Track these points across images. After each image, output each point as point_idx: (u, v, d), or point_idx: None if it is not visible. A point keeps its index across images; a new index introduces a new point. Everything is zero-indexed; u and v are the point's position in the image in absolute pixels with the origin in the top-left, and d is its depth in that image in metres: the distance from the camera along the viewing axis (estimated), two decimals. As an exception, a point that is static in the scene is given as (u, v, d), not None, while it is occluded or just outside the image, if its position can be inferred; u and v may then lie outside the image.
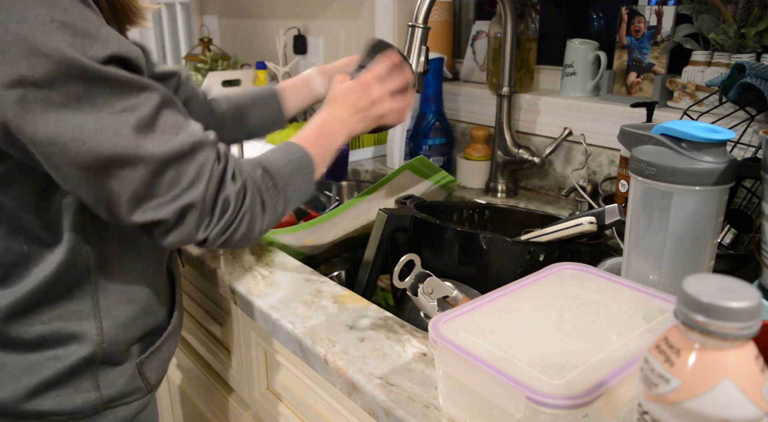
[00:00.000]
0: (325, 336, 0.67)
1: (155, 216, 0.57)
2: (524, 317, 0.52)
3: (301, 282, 0.80)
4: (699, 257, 0.61)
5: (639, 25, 1.06)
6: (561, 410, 0.40)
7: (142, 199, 0.56)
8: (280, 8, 1.93)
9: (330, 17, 1.73)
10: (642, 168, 0.61)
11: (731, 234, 0.78)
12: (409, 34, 0.97)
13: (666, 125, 0.60)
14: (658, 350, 0.35)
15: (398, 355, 0.63)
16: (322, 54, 1.79)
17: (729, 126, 0.82)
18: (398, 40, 1.52)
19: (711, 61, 0.96)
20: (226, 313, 0.91)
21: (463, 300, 0.63)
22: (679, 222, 0.59)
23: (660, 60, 1.04)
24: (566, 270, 0.61)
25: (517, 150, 1.16)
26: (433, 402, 0.55)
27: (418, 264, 0.64)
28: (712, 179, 0.58)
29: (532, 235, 0.82)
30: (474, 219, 0.99)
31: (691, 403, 0.32)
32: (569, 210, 1.10)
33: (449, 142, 1.34)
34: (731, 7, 0.91)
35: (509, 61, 1.15)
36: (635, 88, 1.09)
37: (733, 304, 0.32)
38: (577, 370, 0.44)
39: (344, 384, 0.61)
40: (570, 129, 1.11)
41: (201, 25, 2.32)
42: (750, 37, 0.90)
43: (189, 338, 1.09)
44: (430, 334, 0.49)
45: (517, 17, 1.16)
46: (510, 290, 0.57)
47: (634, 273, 0.65)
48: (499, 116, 1.18)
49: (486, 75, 1.33)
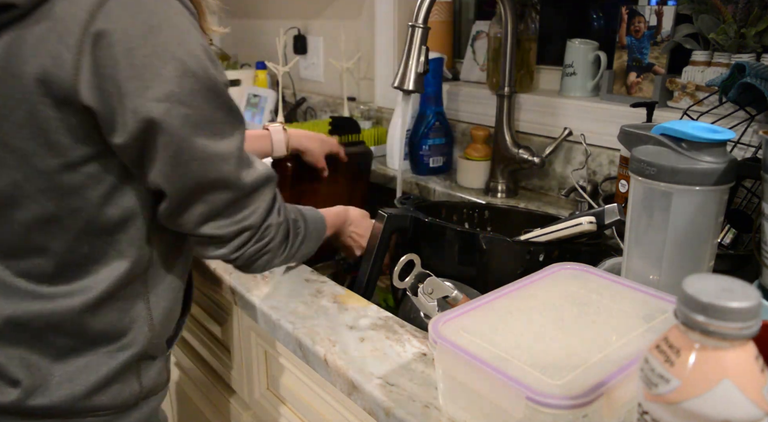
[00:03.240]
0: (325, 336, 0.67)
1: (218, 232, 0.64)
2: (524, 317, 0.52)
3: (301, 282, 0.80)
4: (699, 257, 0.61)
5: (639, 25, 1.06)
6: (561, 410, 0.40)
7: (215, 216, 0.63)
8: (280, 8, 1.93)
9: (330, 17, 1.73)
10: (642, 168, 0.61)
11: (731, 234, 0.78)
12: (409, 34, 0.97)
13: (666, 125, 0.60)
14: (658, 350, 0.35)
15: (398, 355, 0.63)
16: (322, 54, 1.79)
17: (729, 126, 0.82)
18: (398, 40, 1.52)
19: (711, 61, 0.96)
20: (226, 313, 0.91)
21: (463, 300, 0.63)
22: (679, 222, 0.59)
23: (660, 60, 1.04)
24: (566, 270, 0.61)
25: (517, 150, 1.16)
26: (433, 402, 0.55)
27: (418, 264, 0.64)
28: (712, 179, 0.58)
29: (532, 235, 0.82)
30: (474, 219, 0.99)
31: (691, 403, 0.32)
32: (569, 210, 1.10)
33: (449, 142, 1.34)
34: (731, 7, 0.91)
35: (509, 61, 1.15)
36: (635, 88, 1.09)
37: (733, 304, 0.32)
38: (577, 370, 0.44)
39: (344, 384, 0.61)
40: (570, 129, 1.11)
41: (201, 25, 2.31)
42: (750, 37, 0.90)
43: (189, 338, 1.09)
44: (430, 334, 0.49)
45: (517, 17, 1.16)
46: (510, 290, 0.57)
47: (634, 273, 0.65)
48: (499, 116, 1.18)
49: (486, 75, 1.33)
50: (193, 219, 0.63)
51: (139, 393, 0.69)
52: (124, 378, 0.67)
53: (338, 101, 1.71)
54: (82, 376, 0.64)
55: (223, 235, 0.64)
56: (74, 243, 0.62)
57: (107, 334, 0.65)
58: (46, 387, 0.63)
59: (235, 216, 0.64)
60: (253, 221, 0.65)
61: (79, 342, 0.64)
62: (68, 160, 0.58)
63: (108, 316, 0.65)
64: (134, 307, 0.67)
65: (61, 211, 0.60)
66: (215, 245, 0.66)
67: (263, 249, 0.68)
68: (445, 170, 1.36)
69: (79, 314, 0.63)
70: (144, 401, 0.70)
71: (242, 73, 1.97)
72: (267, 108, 1.81)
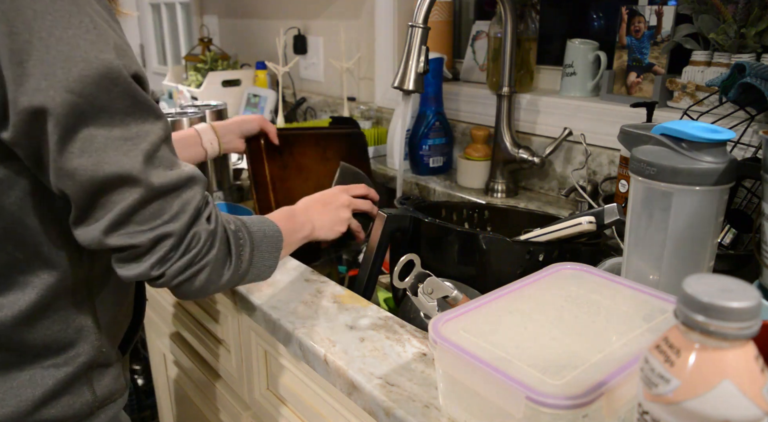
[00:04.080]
0: (325, 336, 0.67)
1: (130, 241, 0.55)
2: (524, 317, 0.52)
3: (301, 282, 0.80)
4: (699, 257, 0.61)
5: (639, 25, 1.06)
6: (561, 410, 0.40)
7: (124, 222, 0.55)
8: (280, 8, 1.93)
9: (330, 17, 1.73)
10: (642, 168, 0.61)
11: (731, 234, 0.78)
12: (409, 34, 0.97)
13: (666, 125, 0.60)
14: (658, 350, 0.35)
15: (398, 355, 0.63)
16: (322, 54, 1.79)
17: (729, 126, 0.82)
18: (398, 40, 1.52)
19: (711, 61, 0.96)
20: (226, 313, 0.91)
21: (463, 300, 0.63)
22: (679, 222, 0.59)
23: (660, 60, 1.04)
24: (566, 270, 0.61)
25: (517, 150, 1.16)
26: (433, 402, 0.55)
27: (418, 264, 0.64)
28: (712, 179, 0.58)
29: (532, 235, 0.82)
30: (474, 220, 0.99)
31: (691, 403, 0.32)
32: (569, 210, 1.10)
33: (449, 142, 1.34)
34: (731, 7, 0.91)
35: (509, 61, 1.15)
36: (635, 88, 1.09)
37: (733, 304, 0.32)
38: (577, 370, 0.44)
39: (344, 384, 0.61)
40: (570, 129, 1.11)
41: (201, 25, 2.31)
42: (750, 37, 0.90)
43: (189, 338, 1.09)
44: (430, 334, 0.49)
45: (517, 17, 1.16)
46: (510, 290, 0.57)
47: (634, 273, 0.65)
48: (499, 116, 1.18)
49: (486, 75, 1.33)
50: (100, 227, 0.55)
51: (92, 403, 0.67)
52: (74, 390, 0.65)
53: (338, 101, 1.71)
54: (27, 390, 0.62)
55: (137, 245, 0.55)
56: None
57: (50, 346, 0.63)
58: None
59: (150, 222, 0.55)
60: (173, 228, 0.56)
61: (19, 357, 0.62)
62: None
63: (48, 328, 0.62)
64: (78, 317, 0.64)
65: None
66: (133, 260, 0.57)
67: (193, 263, 0.58)
68: (445, 170, 1.36)
69: (13, 328, 0.60)
70: (100, 409, 0.68)
71: (242, 73, 1.97)
72: (267, 108, 1.82)
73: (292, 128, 1.12)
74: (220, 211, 0.64)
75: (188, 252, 0.58)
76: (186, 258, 0.57)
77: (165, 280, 0.58)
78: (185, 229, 0.57)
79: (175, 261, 0.57)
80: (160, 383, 1.32)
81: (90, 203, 0.54)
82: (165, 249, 0.56)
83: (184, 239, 0.57)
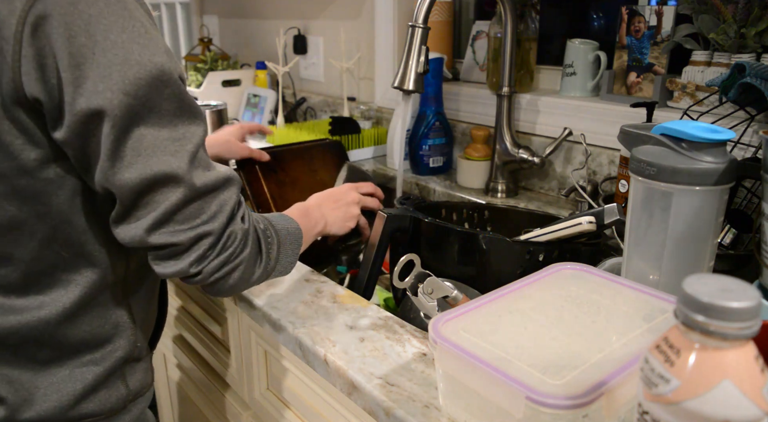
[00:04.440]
0: (325, 336, 0.67)
1: (172, 239, 0.57)
2: (524, 317, 0.52)
3: (301, 282, 0.80)
4: (699, 257, 0.61)
5: (639, 25, 1.06)
6: (561, 410, 0.40)
7: (167, 221, 0.57)
8: (280, 8, 1.93)
9: (330, 17, 1.73)
10: (642, 168, 0.61)
11: (731, 234, 0.78)
12: (409, 34, 0.97)
13: (666, 125, 0.60)
14: (658, 350, 0.35)
15: (398, 355, 0.63)
16: (322, 54, 1.79)
17: (729, 126, 0.82)
18: (398, 40, 1.52)
19: (711, 61, 0.96)
20: (226, 313, 0.91)
21: (463, 300, 0.63)
22: (679, 223, 0.59)
23: (660, 60, 1.04)
24: (566, 270, 0.61)
25: (517, 150, 1.16)
26: (433, 402, 0.55)
27: (418, 264, 0.64)
28: (712, 179, 0.58)
29: (532, 235, 0.82)
30: (474, 220, 0.99)
31: (691, 403, 0.32)
32: (569, 210, 1.10)
33: (449, 142, 1.34)
34: (731, 7, 0.91)
35: (509, 61, 1.15)
36: (635, 88, 1.09)
37: (733, 304, 0.32)
38: (577, 370, 0.44)
39: (344, 384, 0.61)
40: (570, 129, 1.11)
41: (201, 25, 2.31)
42: (750, 37, 0.90)
43: (189, 338, 1.09)
44: (430, 334, 0.49)
45: (517, 17, 1.16)
46: (510, 290, 0.57)
47: (634, 273, 0.65)
48: (499, 116, 1.18)
49: (486, 75, 1.33)
50: (143, 225, 0.56)
51: (126, 397, 0.68)
52: (110, 384, 0.67)
53: (338, 101, 1.71)
54: (68, 386, 0.63)
55: (178, 243, 0.57)
56: (40, 251, 0.60)
57: (89, 342, 0.64)
58: (32, 401, 0.62)
59: (190, 222, 0.57)
60: (212, 227, 0.58)
61: (61, 353, 0.63)
62: (22, 164, 0.56)
63: (88, 325, 0.64)
64: (115, 313, 0.66)
65: (25, 217, 0.58)
66: (172, 258, 0.58)
67: (229, 261, 0.60)
68: (445, 170, 1.36)
69: (56, 325, 0.62)
70: (132, 403, 0.70)
71: (242, 73, 1.97)
72: (267, 108, 1.82)
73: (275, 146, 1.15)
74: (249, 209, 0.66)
75: (225, 251, 0.60)
76: (222, 257, 0.59)
77: (202, 278, 0.60)
78: (222, 229, 0.59)
79: (212, 259, 0.59)
80: (161, 383, 1.32)
81: (135, 201, 0.56)
82: (204, 248, 0.58)
83: (221, 238, 0.59)
